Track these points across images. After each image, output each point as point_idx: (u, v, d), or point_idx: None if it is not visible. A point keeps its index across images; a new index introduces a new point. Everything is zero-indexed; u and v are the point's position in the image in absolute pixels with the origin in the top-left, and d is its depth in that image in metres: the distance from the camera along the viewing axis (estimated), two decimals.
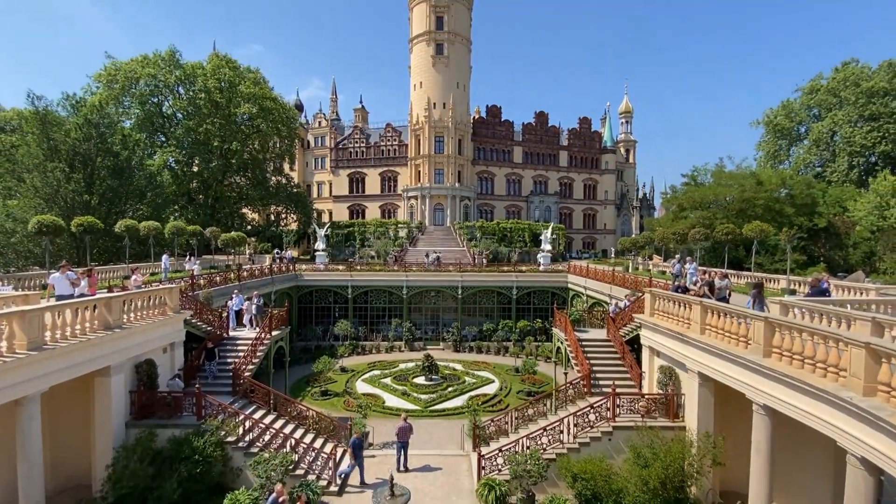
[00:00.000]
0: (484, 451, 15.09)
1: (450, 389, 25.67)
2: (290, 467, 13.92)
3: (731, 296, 15.98)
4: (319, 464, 14.83)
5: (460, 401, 24.13)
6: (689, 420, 14.25)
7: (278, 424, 16.37)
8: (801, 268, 32.92)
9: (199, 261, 29.78)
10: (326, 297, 37.12)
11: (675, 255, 29.89)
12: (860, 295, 16.92)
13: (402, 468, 15.78)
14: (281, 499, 11.68)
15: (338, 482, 14.67)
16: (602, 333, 21.56)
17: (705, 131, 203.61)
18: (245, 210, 56.11)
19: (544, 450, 14.57)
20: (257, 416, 16.26)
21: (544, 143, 73.23)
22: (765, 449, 10.58)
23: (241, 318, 22.48)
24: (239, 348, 19.58)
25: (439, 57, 63.83)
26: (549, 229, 45.34)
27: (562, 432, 14.97)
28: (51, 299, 12.88)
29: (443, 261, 42.58)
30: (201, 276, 25.09)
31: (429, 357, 27.88)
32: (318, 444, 16.08)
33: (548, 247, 43.33)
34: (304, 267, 39.08)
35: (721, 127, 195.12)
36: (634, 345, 18.84)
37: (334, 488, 14.43)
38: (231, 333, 21.11)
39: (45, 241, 20.20)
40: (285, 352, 22.66)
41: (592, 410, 15.17)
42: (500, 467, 14.40)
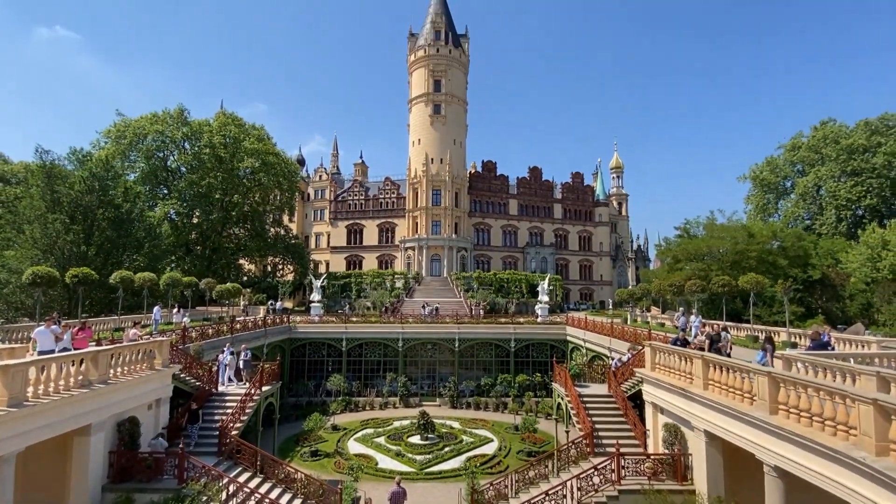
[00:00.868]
0: None
1: (446, 450, 24.52)
2: None
3: (732, 349, 15.75)
4: None
5: (457, 462, 23.00)
6: (698, 483, 13.53)
7: (264, 489, 15.42)
8: (799, 319, 32.76)
9: (190, 313, 29.32)
10: (320, 350, 36.30)
11: (678, 308, 29.81)
12: (862, 348, 16.71)
13: None
14: None
15: None
16: (603, 388, 20.97)
17: (695, 184, 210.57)
18: (242, 261, 56.19)
19: None
20: (243, 479, 15.34)
21: (539, 196, 75.13)
22: None
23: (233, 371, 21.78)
24: (227, 404, 18.83)
25: (437, 116, 66.84)
26: (546, 280, 45.28)
27: (564, 496, 14.15)
28: (33, 353, 12.50)
29: (440, 311, 42.17)
30: (193, 328, 24.63)
31: (424, 414, 26.86)
32: None
33: (545, 298, 43.09)
34: (298, 319, 38.56)
35: (709, 180, 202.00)
36: (637, 400, 18.28)
37: None
38: (220, 389, 20.38)
39: (38, 292, 19.98)
40: (275, 408, 21.80)
41: (596, 473, 14.42)
42: None
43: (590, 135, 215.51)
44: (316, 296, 42.51)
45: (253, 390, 19.37)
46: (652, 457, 14.84)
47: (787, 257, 38.50)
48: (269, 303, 46.59)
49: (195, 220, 49.26)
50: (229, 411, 17.96)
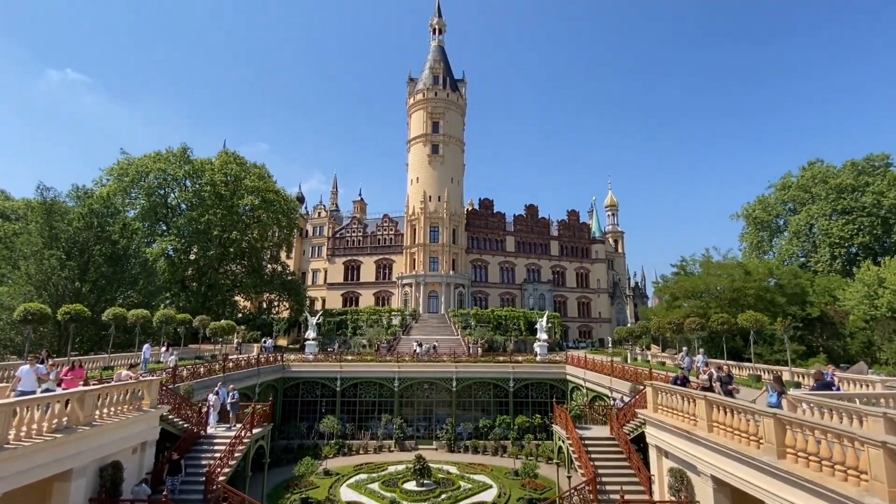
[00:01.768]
0: None
1: (443, 497, 23.44)
2: None
3: (738, 391, 15.42)
4: None
5: None
6: None
7: None
8: (801, 358, 32.35)
9: (182, 351, 28.75)
10: (313, 390, 35.35)
11: (682, 349, 29.52)
12: (866, 388, 16.41)
13: None
14: None
15: None
16: (605, 430, 20.37)
17: (689, 222, 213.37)
18: (238, 297, 55.72)
19: None
20: None
21: (535, 232, 75.83)
22: None
23: (222, 413, 21.01)
24: (216, 447, 18.11)
25: (435, 156, 68.43)
26: (545, 318, 44.86)
27: None
28: (12, 394, 12.03)
29: (437, 350, 41.46)
30: (184, 367, 24.05)
31: (420, 459, 25.80)
32: None
33: (544, 336, 42.51)
34: (292, 357, 37.80)
35: (703, 217, 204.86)
36: (640, 443, 17.70)
37: None
38: (209, 431, 19.67)
39: (28, 329, 19.62)
40: (265, 452, 20.97)
41: None
42: None
43: (585, 173, 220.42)
44: (311, 333, 41.88)
45: (243, 433, 18.71)
46: None
47: (784, 295, 38.48)
48: (263, 340, 45.84)
49: (192, 257, 49.22)
50: (217, 455, 17.25)
